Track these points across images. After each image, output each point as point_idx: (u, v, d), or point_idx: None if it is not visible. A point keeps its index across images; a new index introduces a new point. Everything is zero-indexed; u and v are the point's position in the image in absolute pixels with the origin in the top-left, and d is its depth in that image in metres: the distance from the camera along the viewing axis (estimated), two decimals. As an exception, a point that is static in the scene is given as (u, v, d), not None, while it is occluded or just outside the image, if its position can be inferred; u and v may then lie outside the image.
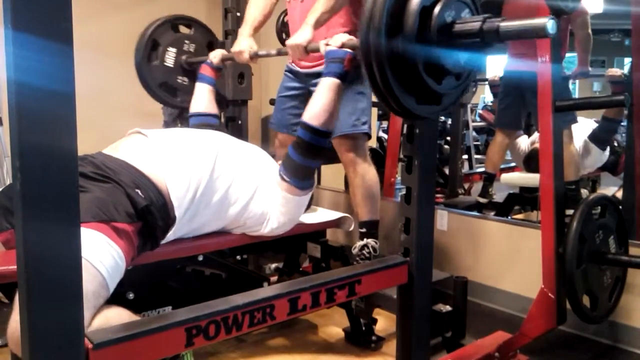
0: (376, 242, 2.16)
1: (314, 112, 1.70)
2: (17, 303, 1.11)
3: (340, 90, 1.71)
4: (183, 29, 2.42)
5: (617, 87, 3.26)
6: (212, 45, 2.45)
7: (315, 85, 1.85)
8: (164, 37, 2.32)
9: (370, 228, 2.18)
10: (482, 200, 3.61)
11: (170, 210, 1.51)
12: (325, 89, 1.70)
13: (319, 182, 3.40)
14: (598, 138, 3.66)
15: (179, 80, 2.37)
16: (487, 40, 1.07)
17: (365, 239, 2.15)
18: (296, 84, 2.32)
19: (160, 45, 2.31)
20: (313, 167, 1.78)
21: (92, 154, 1.53)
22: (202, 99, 2.17)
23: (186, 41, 2.38)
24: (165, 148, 1.60)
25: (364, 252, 2.15)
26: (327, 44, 1.72)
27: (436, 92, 1.14)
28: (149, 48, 2.28)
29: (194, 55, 2.37)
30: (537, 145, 3.10)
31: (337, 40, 1.70)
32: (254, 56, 2.10)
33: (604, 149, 3.75)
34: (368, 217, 2.18)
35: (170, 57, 2.34)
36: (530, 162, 3.59)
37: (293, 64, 2.32)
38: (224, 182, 1.63)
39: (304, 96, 2.19)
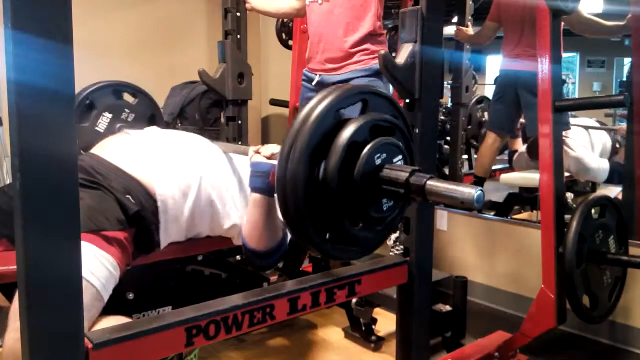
0: None
1: (247, 232, 1.60)
2: (11, 318, 1.11)
3: (267, 205, 1.55)
4: (127, 97, 2.26)
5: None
6: (154, 118, 2.30)
7: None
8: (103, 100, 2.15)
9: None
10: None
11: (158, 214, 1.48)
12: (252, 207, 1.58)
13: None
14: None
15: None
16: (411, 194, 0.98)
17: (398, 232, 2.24)
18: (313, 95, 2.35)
19: (96, 109, 2.13)
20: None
21: (79, 156, 1.50)
22: None
23: (126, 110, 2.20)
24: (155, 152, 1.58)
25: (397, 244, 2.26)
26: (256, 152, 1.57)
27: (354, 236, 1.06)
28: (81, 108, 2.10)
29: (132, 125, 2.17)
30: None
31: (268, 150, 1.55)
32: None
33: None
34: None
35: (104, 123, 2.15)
36: (532, 150, 3.51)
37: (311, 72, 2.38)
38: (214, 191, 1.58)
39: None
